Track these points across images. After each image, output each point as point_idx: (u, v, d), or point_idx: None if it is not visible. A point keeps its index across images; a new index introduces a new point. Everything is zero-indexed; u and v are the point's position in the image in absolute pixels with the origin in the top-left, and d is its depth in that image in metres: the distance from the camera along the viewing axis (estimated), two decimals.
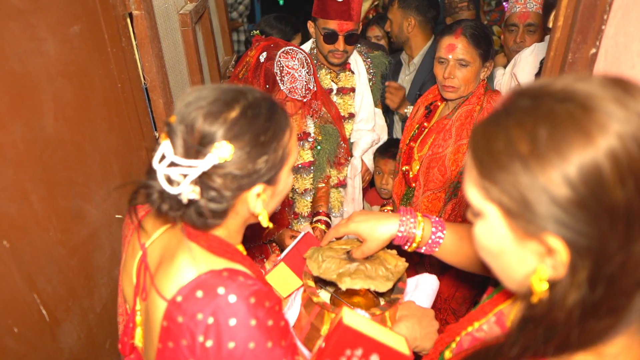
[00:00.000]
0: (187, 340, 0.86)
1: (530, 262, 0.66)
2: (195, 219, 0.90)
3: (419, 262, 2.26)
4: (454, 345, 0.97)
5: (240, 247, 1.06)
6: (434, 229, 1.21)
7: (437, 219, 1.24)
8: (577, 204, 0.57)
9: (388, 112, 2.87)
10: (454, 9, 3.38)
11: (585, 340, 0.63)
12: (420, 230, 1.20)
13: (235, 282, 0.89)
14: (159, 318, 0.91)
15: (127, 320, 1.05)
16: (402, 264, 1.27)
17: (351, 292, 1.46)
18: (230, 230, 1.00)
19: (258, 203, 0.95)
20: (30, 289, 1.26)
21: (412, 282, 1.45)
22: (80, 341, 1.44)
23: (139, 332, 1.04)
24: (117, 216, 1.56)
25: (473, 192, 0.68)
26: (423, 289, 1.41)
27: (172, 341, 0.88)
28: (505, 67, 2.69)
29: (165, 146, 0.85)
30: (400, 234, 1.21)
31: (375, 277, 1.21)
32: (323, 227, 2.33)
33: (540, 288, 0.64)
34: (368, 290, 1.45)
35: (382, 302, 1.42)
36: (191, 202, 0.87)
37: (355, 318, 1.06)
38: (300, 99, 1.96)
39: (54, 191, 1.34)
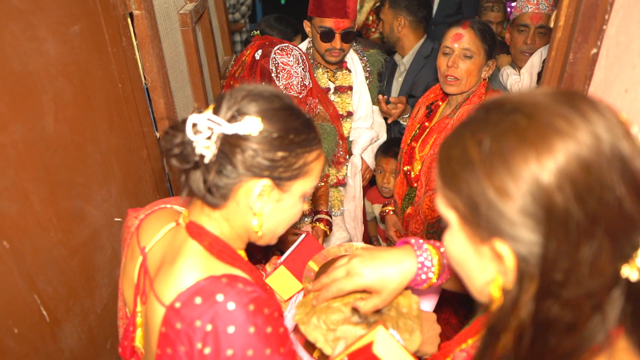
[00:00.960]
0: (186, 346, 0.86)
1: (489, 269, 0.68)
2: (197, 185, 0.89)
3: None
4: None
5: (242, 253, 1.05)
6: (444, 260, 1.06)
7: (438, 244, 1.10)
8: (519, 210, 0.59)
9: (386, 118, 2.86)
10: (483, 6, 3.38)
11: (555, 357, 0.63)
12: (437, 264, 1.05)
13: (234, 289, 0.88)
14: (158, 324, 0.91)
15: (127, 324, 1.05)
16: (416, 303, 1.10)
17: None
18: (231, 228, 0.99)
19: (259, 200, 0.93)
20: (31, 289, 1.26)
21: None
22: (81, 342, 1.44)
23: (139, 334, 1.03)
24: (116, 219, 1.56)
25: (439, 200, 0.72)
26: (425, 290, 1.41)
27: (170, 347, 0.87)
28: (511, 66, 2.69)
29: (209, 111, 0.90)
30: (420, 277, 1.03)
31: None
32: (323, 226, 2.33)
33: (497, 295, 0.66)
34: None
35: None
36: (200, 164, 0.87)
37: (386, 346, 0.91)
38: (296, 95, 1.96)
39: (54, 192, 1.33)
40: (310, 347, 1.25)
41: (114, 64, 1.64)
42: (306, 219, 2.43)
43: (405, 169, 2.22)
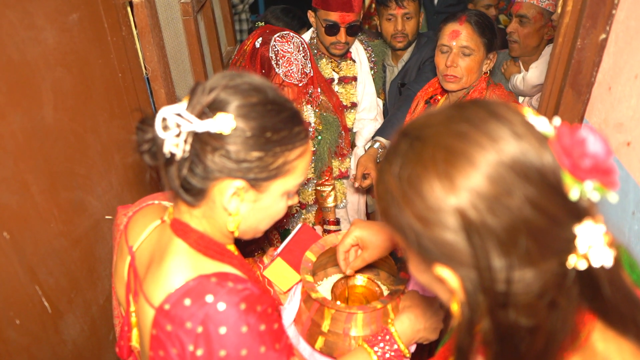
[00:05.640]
0: (177, 349, 0.84)
1: (446, 289, 0.68)
2: (172, 183, 0.84)
3: None
4: None
5: (232, 247, 1.02)
6: None
7: None
8: (445, 234, 0.60)
9: (386, 111, 2.80)
10: None
11: None
12: None
13: (224, 289, 0.86)
14: (148, 326, 0.89)
15: (122, 324, 1.04)
16: None
17: (354, 285, 1.45)
18: (212, 226, 0.94)
19: (233, 200, 0.88)
20: (32, 281, 1.25)
21: None
22: (84, 333, 1.44)
23: (135, 334, 1.02)
24: (107, 217, 1.54)
25: (387, 228, 0.73)
26: None
27: (162, 350, 0.86)
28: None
29: (183, 103, 0.84)
30: None
31: None
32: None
33: (456, 313, 0.66)
34: (371, 280, 1.43)
35: (385, 292, 1.41)
36: (172, 160, 0.82)
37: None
38: (297, 83, 1.93)
39: (55, 182, 1.32)
40: (312, 338, 1.25)
41: (113, 53, 1.62)
42: (309, 189, 2.40)
43: None
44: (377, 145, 2.31)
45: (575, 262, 0.58)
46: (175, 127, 0.80)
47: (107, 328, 1.56)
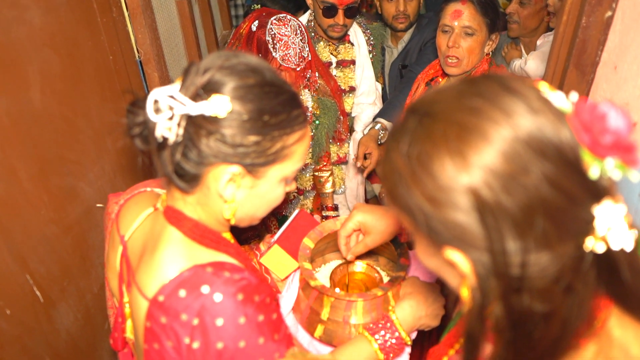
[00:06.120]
0: (173, 341, 0.81)
1: (456, 274, 0.65)
2: (166, 168, 0.80)
3: None
4: None
5: (228, 235, 0.99)
6: None
7: None
8: (456, 216, 0.56)
9: (385, 95, 2.76)
10: None
11: None
12: None
13: (221, 279, 0.82)
14: (142, 318, 0.86)
15: (116, 315, 1.01)
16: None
17: (353, 271, 1.42)
18: (207, 213, 0.91)
19: (229, 187, 0.84)
20: (23, 269, 1.21)
21: (415, 255, 1.41)
22: (78, 322, 1.41)
23: (129, 325, 0.99)
24: (98, 205, 1.51)
25: (393, 210, 0.68)
26: None
27: (157, 342, 0.83)
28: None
29: (176, 84, 0.80)
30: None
31: None
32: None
33: (466, 298, 0.63)
34: (371, 267, 1.40)
35: (385, 279, 1.38)
36: (165, 145, 0.78)
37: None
38: (294, 67, 1.88)
39: (44, 168, 1.28)
40: (311, 327, 1.22)
41: (104, 35, 1.56)
42: (306, 174, 2.37)
43: None
44: (378, 126, 2.27)
45: (593, 244, 0.55)
46: (167, 109, 0.76)
47: (102, 317, 1.53)
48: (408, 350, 1.17)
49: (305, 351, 1.05)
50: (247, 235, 2.07)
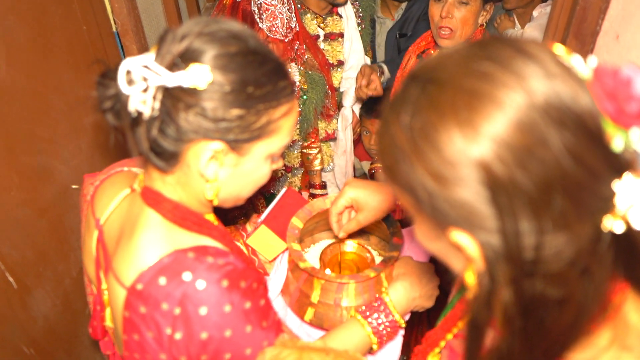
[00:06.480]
0: (153, 332, 0.76)
1: (461, 257, 0.60)
2: (142, 145, 0.73)
3: None
4: (437, 350, 0.88)
5: (211, 217, 0.92)
6: None
7: None
8: (463, 194, 0.51)
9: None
10: None
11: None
12: None
13: (204, 265, 0.77)
14: (120, 307, 0.80)
15: (94, 302, 0.95)
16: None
17: (344, 251, 1.37)
18: (188, 194, 0.84)
19: (211, 164, 0.77)
20: None
21: (408, 232, 1.36)
22: (56, 308, 1.35)
23: (108, 313, 0.93)
24: (73, 186, 1.42)
25: (391, 188, 0.62)
26: None
27: (136, 333, 0.77)
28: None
29: (150, 53, 0.73)
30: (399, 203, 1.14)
31: None
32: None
33: (472, 283, 0.58)
34: (362, 246, 1.36)
35: (377, 258, 1.34)
36: (140, 120, 0.71)
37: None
38: (282, 38, 1.79)
39: (12, 146, 1.20)
40: (301, 310, 1.17)
41: (76, 4, 1.46)
42: (294, 151, 2.31)
43: None
44: (378, 65, 2.21)
45: (612, 223, 0.50)
46: (141, 80, 0.68)
47: (83, 302, 1.47)
48: (401, 332, 1.14)
49: (295, 337, 1.01)
50: (234, 215, 2.01)
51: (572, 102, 0.48)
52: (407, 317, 1.15)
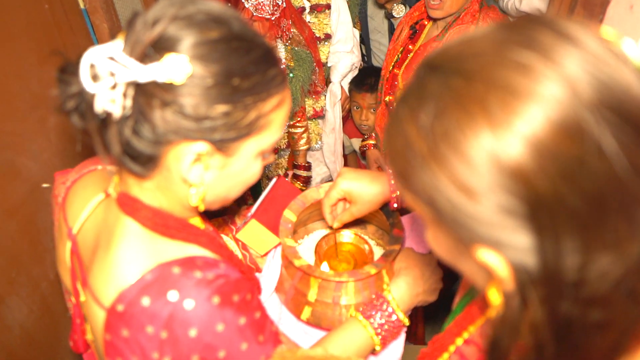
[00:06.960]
0: (139, 356, 0.68)
1: (484, 275, 0.53)
2: (112, 147, 0.64)
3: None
4: (446, 355, 0.82)
5: (197, 221, 0.84)
6: None
7: None
8: (494, 209, 0.44)
9: (364, 41, 2.56)
10: None
11: None
12: None
13: (191, 280, 0.68)
14: (100, 328, 0.72)
15: (74, 315, 0.86)
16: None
17: (340, 242, 1.29)
18: (169, 199, 0.75)
19: (194, 168, 0.69)
20: None
21: (407, 221, 1.29)
22: (33, 314, 1.26)
23: (89, 327, 0.84)
24: (44, 185, 1.31)
25: (404, 195, 0.54)
26: (422, 230, 1.25)
27: (120, 357, 0.69)
28: None
29: (118, 41, 0.62)
30: (395, 195, 1.09)
31: None
32: (299, 185, 2.18)
33: (497, 303, 0.52)
34: (359, 236, 1.28)
35: (375, 249, 1.27)
36: (110, 121, 0.62)
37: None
38: (269, 16, 1.67)
39: None
40: (297, 309, 1.10)
41: None
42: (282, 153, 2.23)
43: (387, 99, 1.98)
44: None
45: None
46: (108, 76, 0.59)
47: (62, 305, 1.38)
48: (404, 329, 1.07)
49: (294, 346, 0.94)
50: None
51: (628, 97, 0.40)
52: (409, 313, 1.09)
